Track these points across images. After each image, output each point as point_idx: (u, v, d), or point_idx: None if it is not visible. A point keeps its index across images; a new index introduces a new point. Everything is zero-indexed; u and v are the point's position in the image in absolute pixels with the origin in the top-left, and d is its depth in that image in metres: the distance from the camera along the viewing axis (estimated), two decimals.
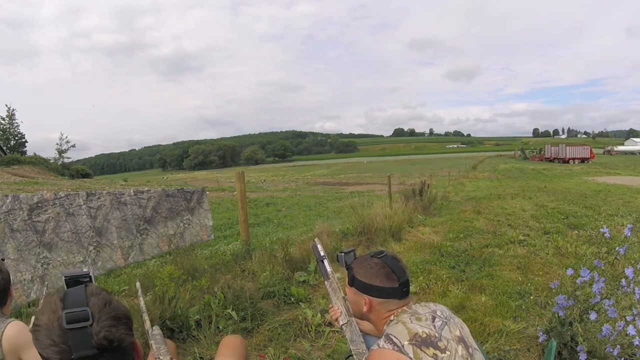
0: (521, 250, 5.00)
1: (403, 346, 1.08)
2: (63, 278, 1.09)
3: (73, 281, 1.09)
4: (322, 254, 1.49)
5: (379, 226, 5.69)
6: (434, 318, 1.19)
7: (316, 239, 1.57)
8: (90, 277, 1.11)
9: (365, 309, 1.29)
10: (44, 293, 2.72)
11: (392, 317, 1.24)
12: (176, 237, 4.00)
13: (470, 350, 1.16)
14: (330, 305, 1.45)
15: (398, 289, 1.24)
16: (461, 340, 1.16)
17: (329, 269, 1.47)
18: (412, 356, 1.06)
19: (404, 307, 1.25)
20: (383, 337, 1.15)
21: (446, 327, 1.17)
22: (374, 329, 1.38)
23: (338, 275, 1.50)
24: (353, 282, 1.32)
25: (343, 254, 1.41)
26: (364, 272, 1.28)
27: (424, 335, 1.10)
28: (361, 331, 1.38)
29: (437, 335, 1.12)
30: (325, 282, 1.47)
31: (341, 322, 1.38)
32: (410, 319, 1.18)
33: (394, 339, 1.11)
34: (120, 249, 3.48)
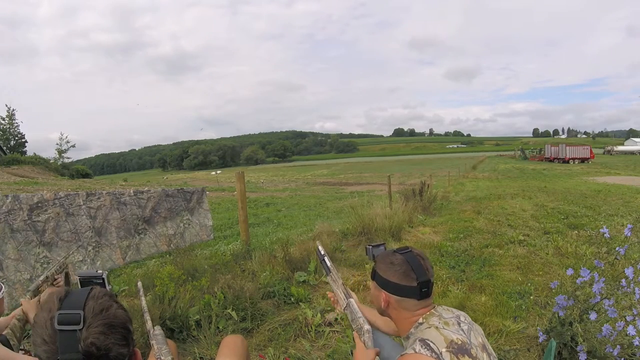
0: (521, 250, 5.00)
1: (441, 353, 1.05)
2: (77, 277, 1.13)
3: (86, 281, 1.12)
4: (322, 253, 1.51)
5: (379, 226, 5.68)
6: (459, 323, 1.17)
7: (317, 242, 1.60)
8: (103, 279, 1.13)
9: (383, 305, 1.25)
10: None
11: (421, 320, 1.19)
12: (176, 237, 4.00)
13: (491, 358, 1.14)
14: (330, 293, 1.44)
15: (415, 288, 1.18)
16: (484, 347, 1.15)
17: (329, 263, 1.47)
18: None
19: (432, 310, 1.21)
20: (418, 341, 1.11)
21: (472, 333, 1.15)
22: (391, 326, 1.36)
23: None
24: (374, 276, 1.28)
25: (371, 247, 1.40)
26: (385, 268, 1.24)
27: (460, 342, 1.08)
28: (375, 328, 1.36)
29: (469, 342, 1.10)
30: (327, 277, 1.48)
31: (342, 307, 1.37)
32: (439, 323, 1.15)
33: (432, 345, 1.08)
34: (119, 249, 3.48)
